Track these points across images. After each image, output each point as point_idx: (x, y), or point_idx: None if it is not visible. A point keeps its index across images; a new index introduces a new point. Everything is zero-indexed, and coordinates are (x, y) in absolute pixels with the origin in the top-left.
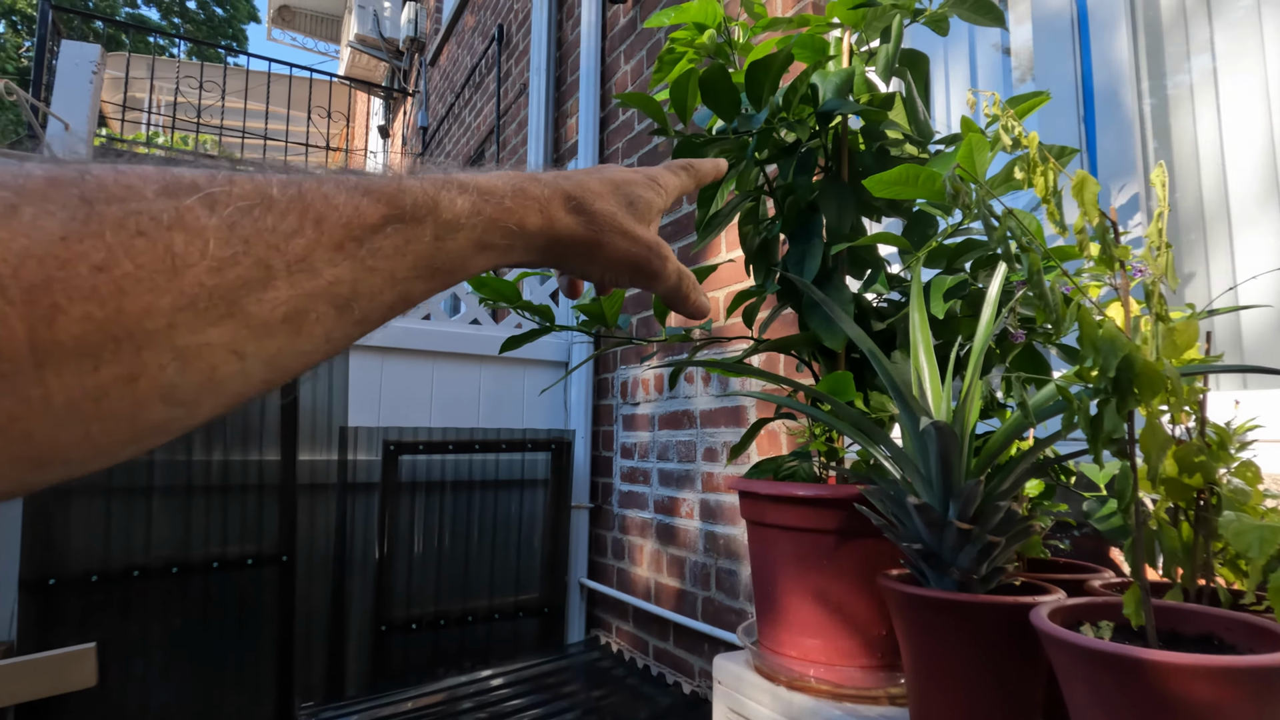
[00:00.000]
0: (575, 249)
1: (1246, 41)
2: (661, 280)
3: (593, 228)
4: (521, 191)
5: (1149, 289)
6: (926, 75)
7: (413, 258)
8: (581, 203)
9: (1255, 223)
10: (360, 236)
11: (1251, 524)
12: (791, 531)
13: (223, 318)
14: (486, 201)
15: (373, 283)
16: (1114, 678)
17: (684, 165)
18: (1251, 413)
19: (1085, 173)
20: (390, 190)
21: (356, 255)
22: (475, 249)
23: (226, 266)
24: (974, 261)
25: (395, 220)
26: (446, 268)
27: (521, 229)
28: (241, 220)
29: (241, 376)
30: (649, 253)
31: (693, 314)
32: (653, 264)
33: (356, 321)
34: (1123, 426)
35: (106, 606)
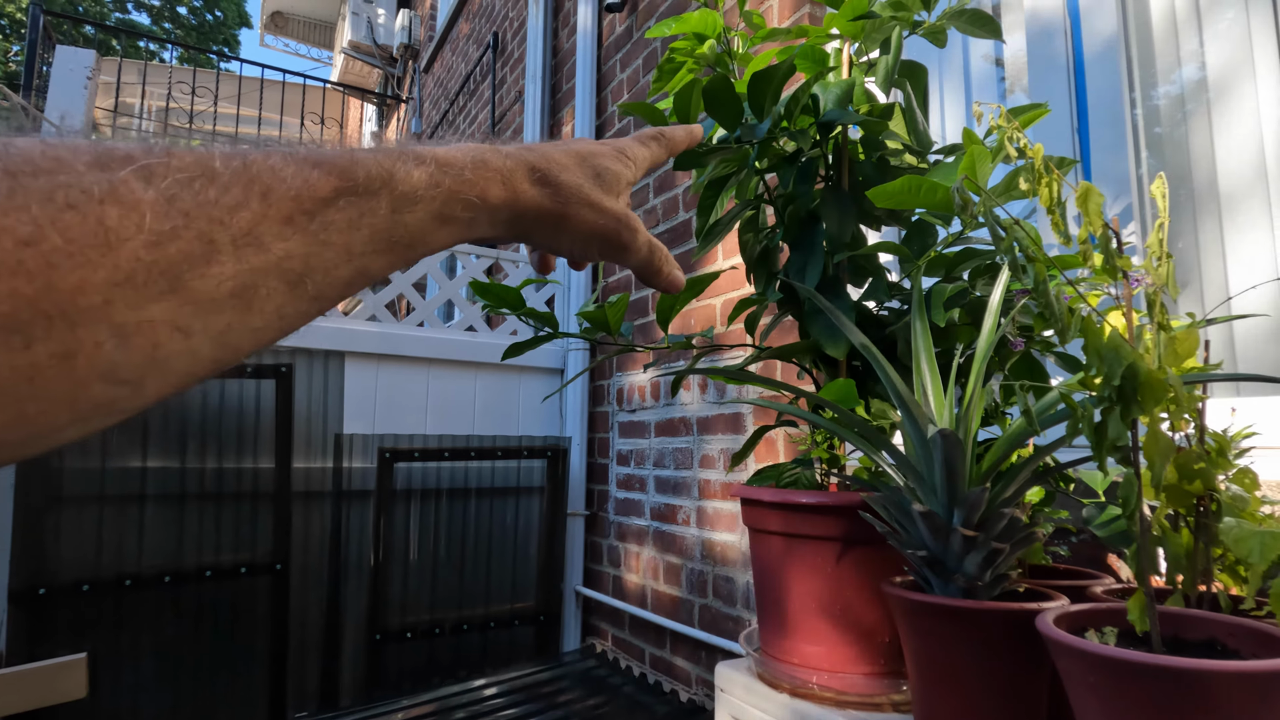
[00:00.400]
0: (541, 222)
1: (1235, 53)
2: (632, 253)
3: (558, 199)
4: (482, 163)
5: (1151, 298)
6: (925, 86)
7: (369, 231)
8: (546, 174)
9: (1247, 232)
10: (311, 210)
11: (1252, 530)
12: (794, 538)
13: (164, 293)
14: (445, 173)
15: (327, 257)
16: (1124, 683)
17: (654, 135)
18: (1246, 420)
19: (1089, 184)
20: (342, 163)
21: (308, 229)
22: (436, 222)
23: (166, 241)
24: (972, 270)
25: (348, 193)
26: (406, 241)
27: (484, 201)
28: (181, 193)
29: (189, 355)
30: (618, 224)
31: (667, 287)
32: (622, 236)
33: (312, 298)
34: (1126, 434)
35: (98, 616)
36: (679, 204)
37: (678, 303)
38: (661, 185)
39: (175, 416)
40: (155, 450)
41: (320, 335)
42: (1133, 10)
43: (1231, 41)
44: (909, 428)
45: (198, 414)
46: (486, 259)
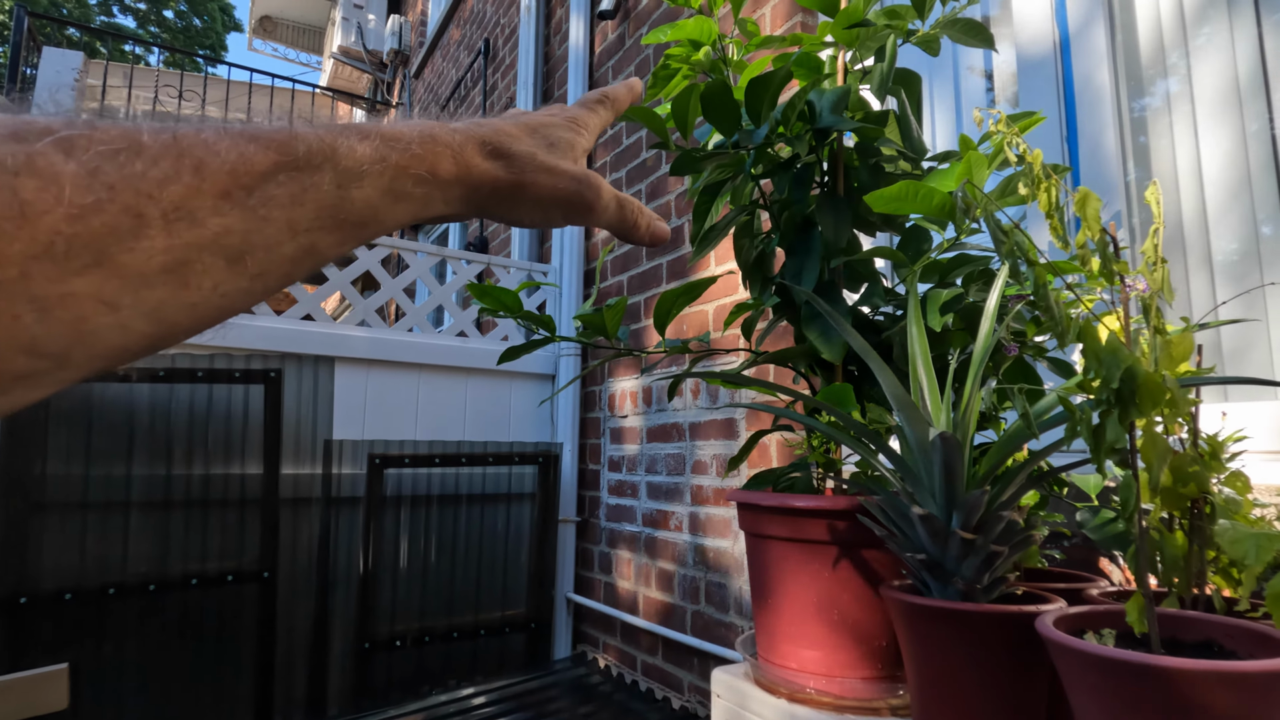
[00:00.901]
0: (498, 195)
1: (1218, 65)
2: (598, 212)
3: (513, 170)
4: (431, 138)
5: (1147, 302)
6: (919, 94)
7: (313, 208)
8: (498, 146)
9: (1231, 240)
10: (249, 184)
11: (1247, 532)
12: (791, 543)
13: (89, 267)
14: (391, 148)
15: (268, 233)
16: (1124, 684)
17: (599, 99)
18: (1235, 424)
19: (1087, 189)
20: (281, 137)
21: (246, 204)
22: (388, 199)
23: (89, 214)
24: (965, 276)
25: (288, 168)
26: (356, 219)
27: (435, 176)
28: (105, 165)
29: (119, 329)
30: (579, 185)
31: (650, 240)
32: (585, 196)
33: (254, 275)
34: (1124, 437)
35: (80, 626)
36: (671, 210)
37: (675, 306)
38: (653, 191)
39: (161, 422)
40: (140, 456)
41: (310, 340)
42: (1119, 21)
43: (1214, 54)
44: (907, 431)
45: (184, 419)
46: (478, 265)
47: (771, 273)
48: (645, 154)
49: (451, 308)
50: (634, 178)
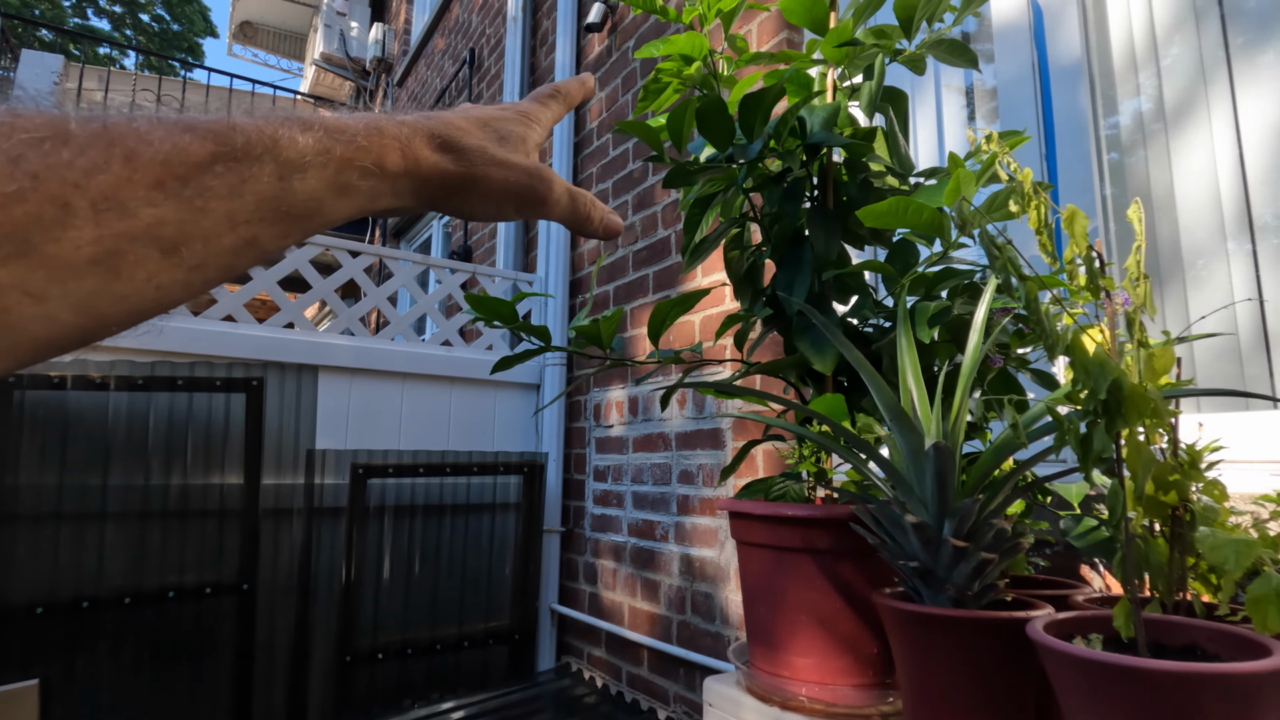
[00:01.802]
0: (448, 189)
1: (1188, 83)
2: (550, 205)
3: (463, 163)
4: (377, 130)
5: (1130, 317)
6: (906, 111)
7: (254, 199)
8: (447, 139)
9: (1205, 255)
10: (184, 175)
11: (1227, 539)
12: (784, 551)
13: (11, 257)
14: (336, 140)
15: (205, 225)
16: (1114, 687)
17: (551, 93)
18: (1211, 434)
19: (1075, 208)
20: (218, 127)
21: (181, 195)
22: (333, 192)
23: (11, 203)
24: (951, 289)
25: (226, 158)
26: (299, 212)
27: (381, 169)
28: (28, 154)
29: (45, 320)
30: (529, 178)
31: (603, 234)
32: (537, 190)
33: (191, 267)
34: (1111, 446)
35: (52, 640)
36: (658, 221)
37: (669, 317)
38: (640, 202)
39: (139, 431)
40: (117, 466)
41: (293, 349)
42: (1094, 40)
43: (1185, 72)
44: (899, 441)
45: (163, 428)
46: (463, 273)
47: (762, 285)
48: (632, 165)
49: (436, 316)
50: (620, 189)
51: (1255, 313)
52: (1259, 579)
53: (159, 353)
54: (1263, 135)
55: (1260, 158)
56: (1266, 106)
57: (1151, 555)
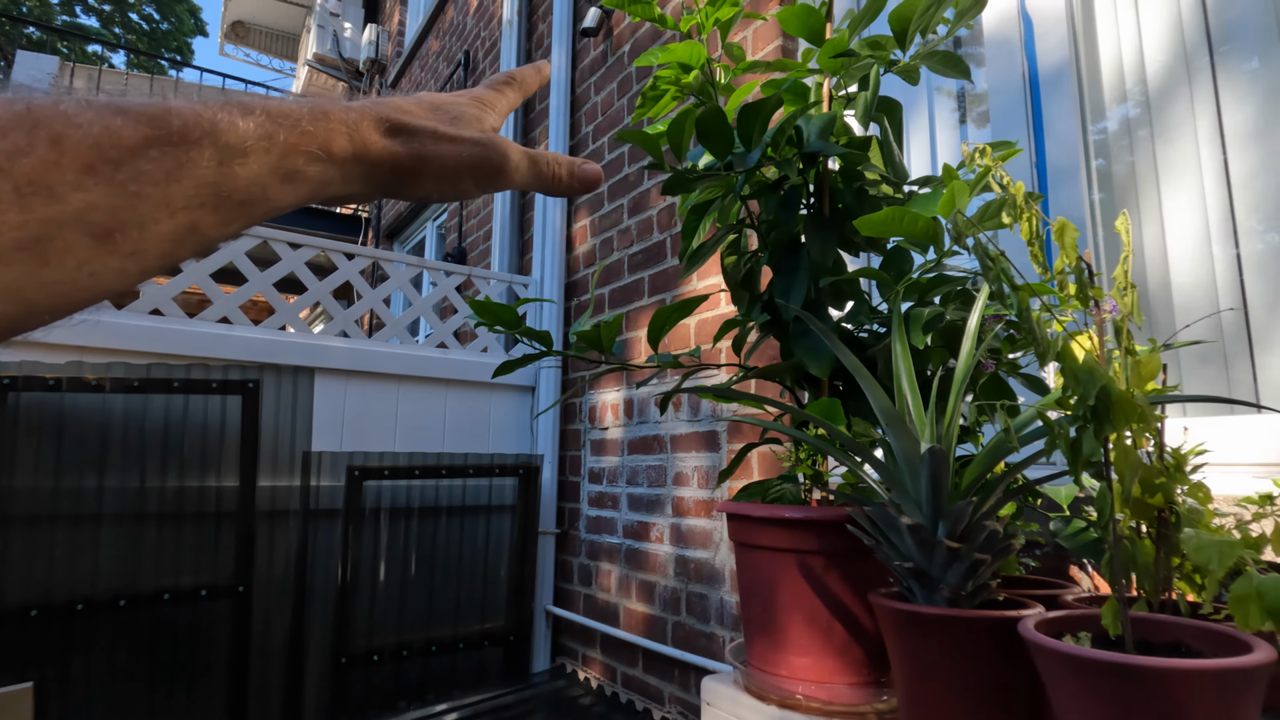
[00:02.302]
0: (400, 173)
1: (1173, 90)
2: (509, 173)
3: (413, 145)
4: (323, 115)
5: (1118, 325)
6: (900, 121)
7: (192, 184)
8: (396, 122)
9: (1190, 260)
10: (116, 159)
11: (1211, 539)
12: (781, 553)
13: None
14: (278, 125)
15: (141, 211)
16: (1105, 683)
17: (506, 80)
18: (1195, 439)
19: (1065, 220)
20: (153, 110)
21: (114, 179)
22: (278, 178)
23: None
24: (943, 295)
25: (161, 142)
26: (242, 198)
27: (329, 154)
28: None
29: None
30: (483, 149)
31: (580, 186)
32: (492, 159)
33: (128, 254)
34: (1100, 450)
35: (46, 643)
36: (653, 225)
37: (668, 322)
38: (636, 206)
39: (135, 433)
40: (113, 468)
41: (290, 350)
42: (1083, 48)
43: (1170, 79)
44: (894, 444)
45: (159, 430)
46: (458, 276)
47: (758, 290)
48: (628, 169)
49: (431, 319)
50: (616, 193)
51: (1239, 318)
52: (1241, 578)
53: (155, 355)
54: (1246, 140)
55: (1243, 163)
56: (1250, 114)
57: (1138, 556)
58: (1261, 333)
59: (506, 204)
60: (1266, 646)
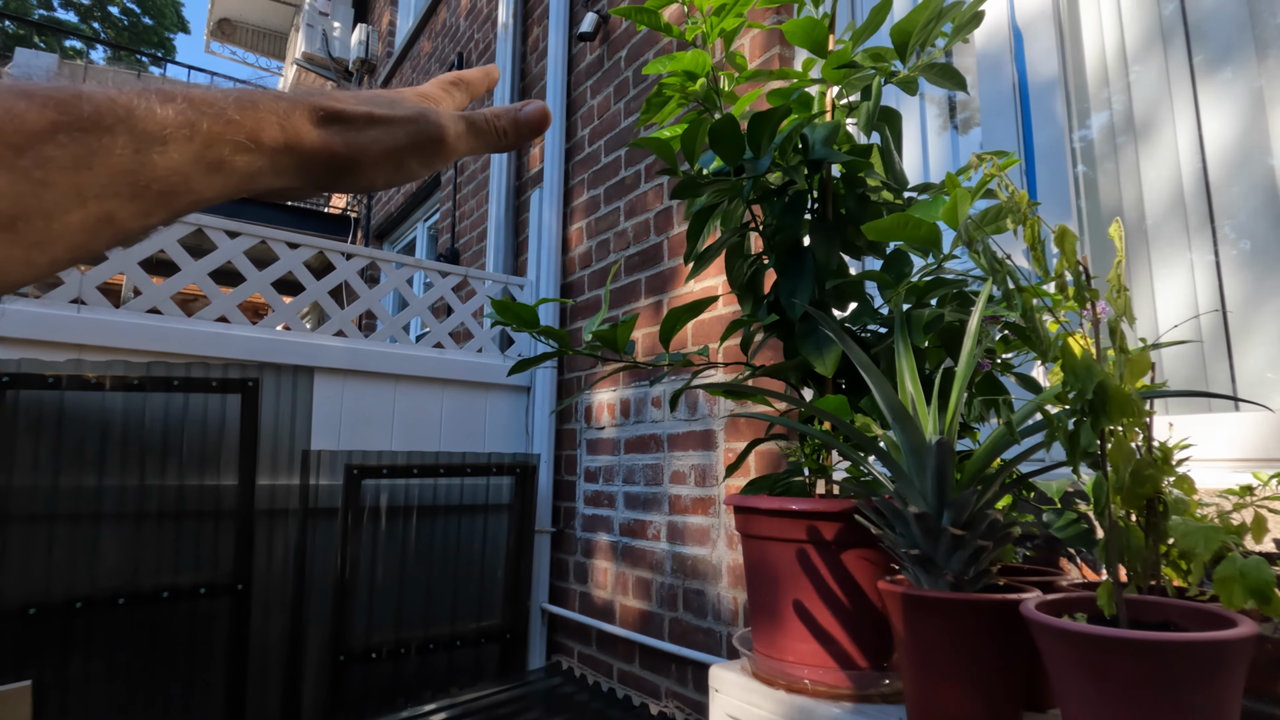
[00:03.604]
0: (338, 165)
1: (1156, 97)
2: (451, 143)
3: (348, 134)
4: (250, 104)
5: (1113, 325)
6: (899, 129)
7: (105, 173)
8: (330, 111)
9: (1172, 265)
10: (19, 144)
11: (1197, 526)
12: (788, 543)
13: None
14: (201, 113)
15: (47, 199)
16: (1103, 657)
17: (454, 80)
18: (1179, 435)
19: (1065, 226)
20: (61, 95)
21: (16, 165)
22: (202, 168)
23: None
24: (940, 297)
25: (70, 128)
26: (162, 188)
27: (257, 144)
28: None
29: None
30: (415, 124)
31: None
32: (428, 134)
33: (33, 244)
34: (1096, 442)
35: (45, 641)
36: (650, 227)
37: (678, 323)
38: (632, 209)
39: (135, 431)
40: (112, 466)
41: (289, 350)
42: (1070, 58)
43: (1152, 87)
44: (901, 438)
45: (159, 429)
46: (454, 277)
47: (763, 292)
48: (624, 172)
49: (429, 319)
50: (612, 195)
51: (1217, 318)
52: (1225, 561)
53: (155, 353)
54: (1224, 147)
55: (1221, 169)
56: (1227, 120)
57: (1131, 541)
58: (1239, 333)
59: (501, 205)
60: (1249, 622)
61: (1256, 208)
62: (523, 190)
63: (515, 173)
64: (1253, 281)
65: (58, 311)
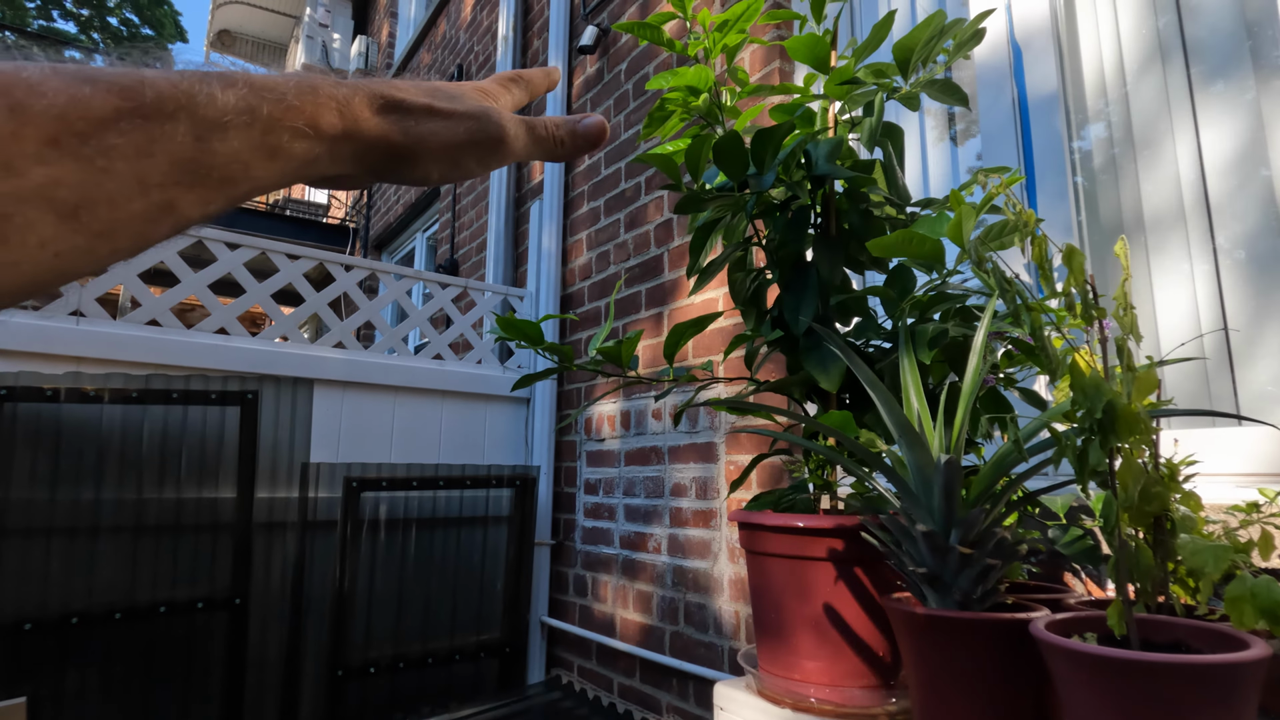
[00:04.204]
0: (395, 154)
1: (1155, 110)
2: (510, 143)
3: (407, 123)
4: (311, 89)
5: (1119, 343)
6: (902, 145)
7: (167, 161)
8: (390, 99)
9: (1173, 276)
10: (84, 131)
11: (1205, 544)
12: (794, 560)
13: None
14: (262, 98)
15: (110, 187)
16: (1116, 679)
17: (513, 78)
18: (1184, 451)
19: (1073, 245)
20: (125, 80)
21: (80, 153)
22: (261, 155)
23: None
24: (943, 312)
25: (133, 114)
26: (222, 175)
27: (315, 130)
28: None
29: None
30: (479, 122)
31: (586, 145)
32: (488, 132)
33: (96, 233)
34: (1105, 460)
35: (40, 657)
36: (650, 239)
37: (683, 338)
38: (632, 221)
39: (133, 444)
40: (110, 479)
41: (288, 362)
42: (1069, 74)
43: (1151, 100)
44: (907, 455)
45: (157, 441)
46: (454, 288)
47: (765, 306)
48: (624, 185)
49: (428, 330)
50: (613, 207)
51: (1219, 334)
52: (1235, 581)
53: (154, 365)
54: (1222, 160)
55: (1221, 182)
56: (1226, 134)
57: (1140, 560)
58: (1242, 347)
59: (501, 216)
60: (1261, 643)
61: (1257, 220)
62: (522, 201)
63: (515, 184)
64: (1255, 295)
65: (57, 324)
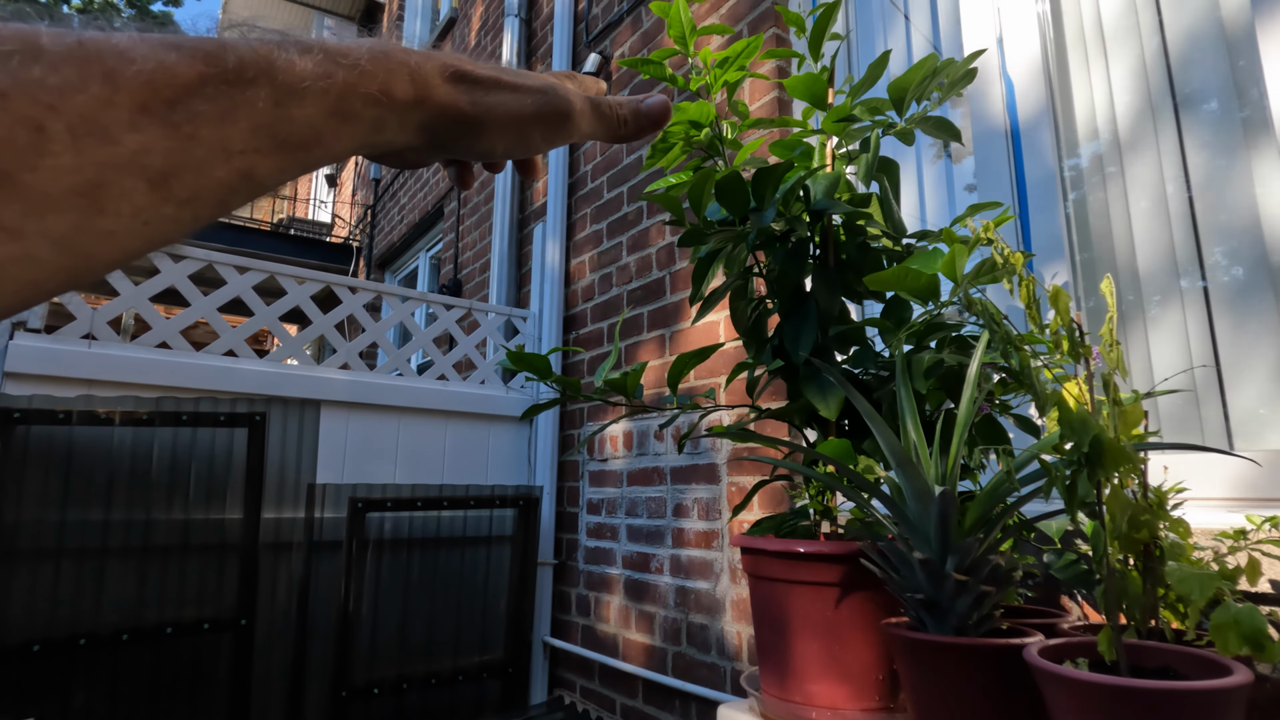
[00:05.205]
0: (463, 125)
1: (1139, 137)
2: (576, 119)
3: (476, 94)
4: (384, 55)
5: (1106, 378)
6: (897, 179)
7: (248, 127)
8: (460, 70)
9: (1163, 307)
10: (172, 98)
11: (1192, 572)
12: (795, 585)
13: None
14: (338, 64)
15: (196, 154)
16: (1107, 705)
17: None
18: (1174, 477)
19: (1059, 286)
20: (208, 47)
21: (169, 120)
22: (334, 120)
23: None
24: (938, 341)
25: (216, 80)
26: (297, 141)
27: (388, 97)
28: None
29: (25, 261)
30: (548, 96)
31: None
32: (556, 105)
33: (183, 201)
34: (1093, 491)
35: (48, 679)
36: (652, 262)
37: (686, 367)
38: (635, 244)
39: (142, 465)
40: (119, 501)
41: (294, 383)
42: (1059, 96)
43: (1138, 132)
44: (904, 483)
45: (166, 463)
46: (459, 309)
47: (766, 334)
48: (627, 208)
49: (432, 351)
50: (615, 230)
51: (1209, 354)
52: (1220, 608)
53: (165, 388)
54: (1207, 184)
55: (1208, 211)
56: (1205, 157)
57: (1129, 587)
58: (1230, 371)
59: (504, 237)
60: (1244, 669)
61: (1242, 248)
62: (525, 223)
63: (518, 206)
64: (1238, 325)
65: (69, 347)
